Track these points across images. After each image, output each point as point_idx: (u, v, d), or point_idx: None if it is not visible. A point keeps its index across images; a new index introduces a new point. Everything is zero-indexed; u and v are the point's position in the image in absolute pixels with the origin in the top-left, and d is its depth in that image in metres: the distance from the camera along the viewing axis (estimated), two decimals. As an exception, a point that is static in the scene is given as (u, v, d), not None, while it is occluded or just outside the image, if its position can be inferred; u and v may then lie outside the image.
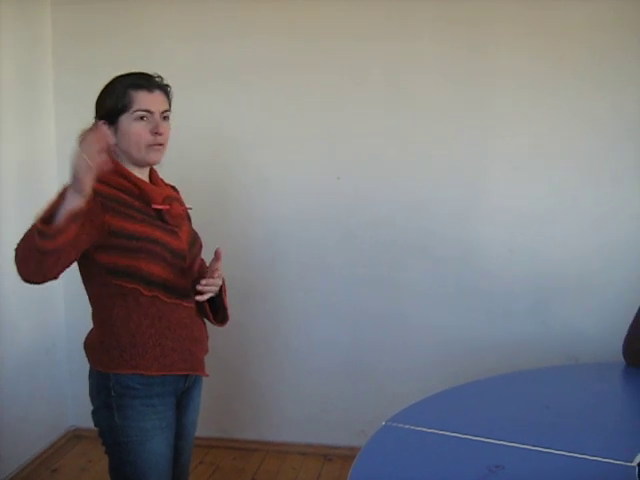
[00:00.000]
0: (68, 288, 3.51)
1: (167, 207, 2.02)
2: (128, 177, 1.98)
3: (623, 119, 3.28)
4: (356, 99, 3.43)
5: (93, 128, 1.77)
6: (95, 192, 1.84)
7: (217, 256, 2.02)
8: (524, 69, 3.31)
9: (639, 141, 3.28)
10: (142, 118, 1.97)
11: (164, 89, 2.03)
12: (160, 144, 2.00)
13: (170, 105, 2.06)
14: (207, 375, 2.16)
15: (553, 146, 3.34)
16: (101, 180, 1.90)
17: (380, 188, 3.46)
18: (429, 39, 3.36)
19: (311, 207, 3.53)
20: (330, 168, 3.49)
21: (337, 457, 3.60)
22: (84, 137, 1.62)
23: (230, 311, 2.18)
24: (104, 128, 1.92)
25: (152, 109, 1.98)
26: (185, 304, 2.02)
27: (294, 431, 3.69)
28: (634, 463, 1.76)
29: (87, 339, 2.05)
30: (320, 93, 3.45)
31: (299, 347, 3.64)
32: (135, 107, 1.96)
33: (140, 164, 2.02)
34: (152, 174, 2.09)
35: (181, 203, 2.14)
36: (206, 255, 2.31)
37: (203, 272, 2.10)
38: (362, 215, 3.49)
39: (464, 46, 3.33)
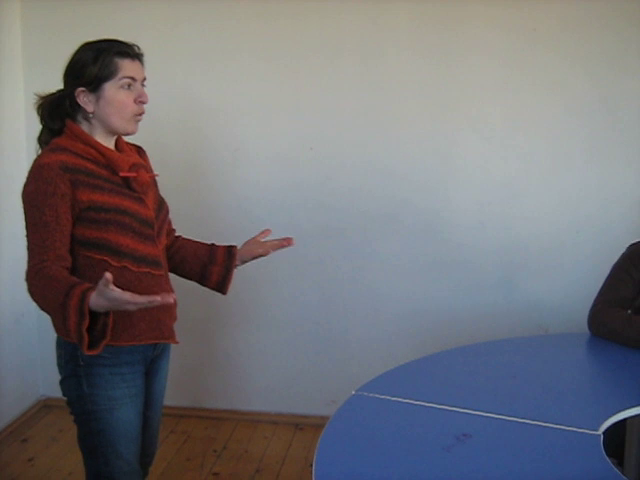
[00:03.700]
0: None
1: (134, 175, 1.99)
2: (95, 146, 1.95)
3: (597, 92, 3.29)
4: (329, 70, 3.40)
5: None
6: (62, 165, 1.83)
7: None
8: (497, 41, 3.30)
9: (614, 114, 3.30)
10: (127, 86, 1.94)
11: (141, 58, 2.01)
12: (142, 113, 1.99)
13: None
14: (177, 342, 2.15)
15: (525, 119, 3.35)
16: (67, 149, 1.89)
17: (352, 158, 3.46)
18: (402, 12, 3.33)
19: (284, 175, 3.52)
20: (303, 138, 3.48)
21: (308, 426, 3.62)
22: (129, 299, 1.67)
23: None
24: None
25: (136, 77, 1.96)
26: (154, 272, 2.01)
27: (265, 400, 3.71)
28: (599, 431, 1.79)
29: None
30: (294, 64, 3.42)
31: (269, 316, 3.65)
32: (121, 74, 1.93)
33: (117, 133, 2.00)
34: (118, 140, 2.06)
35: (147, 170, 2.11)
36: (178, 222, 2.30)
37: (185, 245, 2.19)
38: (334, 184, 3.49)
39: (436, 18, 3.31)
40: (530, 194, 3.40)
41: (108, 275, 1.65)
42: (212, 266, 2.24)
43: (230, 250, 2.27)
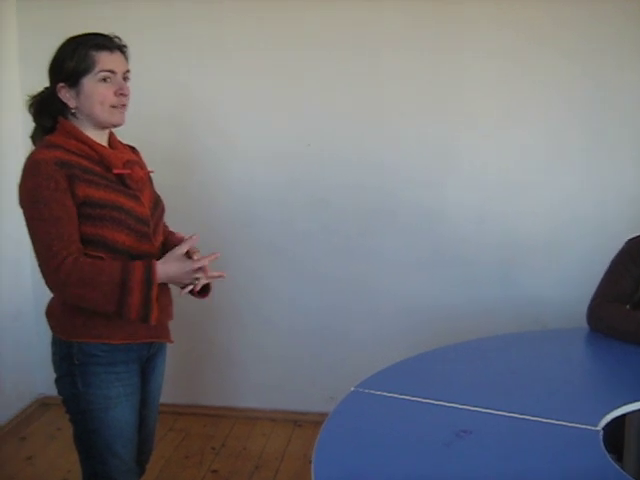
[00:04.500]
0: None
1: (128, 172, 1.98)
2: (87, 142, 1.94)
3: (595, 87, 3.28)
4: (326, 66, 3.39)
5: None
6: (57, 161, 1.82)
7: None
8: (494, 37, 3.29)
9: (612, 111, 3.29)
10: (105, 79, 1.92)
11: (123, 50, 1.99)
12: (123, 105, 1.97)
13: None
14: (172, 342, 2.15)
15: (523, 115, 3.35)
16: (60, 146, 1.88)
17: (350, 154, 3.45)
18: (400, 8, 3.32)
19: (280, 172, 3.51)
20: (300, 134, 3.46)
21: (307, 423, 3.62)
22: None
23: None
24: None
25: (115, 69, 1.94)
26: (150, 270, 2.00)
27: (263, 397, 3.71)
28: (598, 427, 1.78)
29: (49, 307, 2.02)
30: (290, 59, 3.41)
31: (268, 313, 3.64)
32: (98, 68, 1.91)
33: (103, 126, 1.98)
34: (111, 138, 2.05)
35: (142, 166, 2.10)
36: (174, 220, 2.29)
37: (168, 238, 2.13)
38: (332, 180, 3.48)
39: (434, 15, 3.30)
40: (528, 190, 3.40)
41: (196, 237, 1.88)
42: None
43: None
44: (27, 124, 2.04)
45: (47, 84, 1.99)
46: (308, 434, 3.52)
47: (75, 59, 1.90)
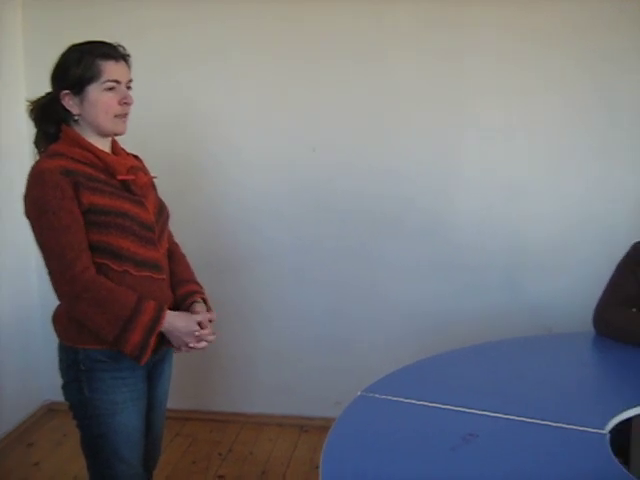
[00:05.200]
0: (41, 260, 3.47)
1: (132, 177, 1.99)
2: (91, 150, 1.95)
3: (599, 92, 3.28)
4: (330, 72, 3.40)
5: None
6: (62, 170, 1.83)
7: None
8: (498, 42, 3.30)
9: (616, 114, 3.29)
10: (110, 89, 1.93)
11: (126, 59, 2.00)
12: (126, 114, 1.98)
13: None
14: (177, 348, 2.15)
15: (528, 119, 3.35)
16: (64, 154, 1.89)
17: (355, 159, 3.45)
18: (404, 12, 3.32)
19: (286, 178, 3.51)
20: (305, 139, 3.47)
21: (313, 428, 3.62)
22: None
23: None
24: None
25: (120, 79, 1.95)
26: (155, 276, 2.00)
27: (270, 403, 3.71)
28: (605, 430, 1.78)
29: (55, 313, 2.03)
30: (294, 65, 3.42)
31: (274, 319, 3.64)
32: (105, 77, 1.92)
33: (106, 134, 1.99)
34: (114, 145, 2.06)
35: (146, 172, 2.11)
36: (178, 227, 2.29)
37: (172, 250, 2.17)
38: (337, 186, 3.48)
39: (439, 19, 3.31)
40: (533, 194, 3.39)
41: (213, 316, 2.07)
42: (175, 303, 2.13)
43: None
44: (32, 128, 2.05)
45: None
46: (314, 439, 3.52)
47: (81, 67, 1.91)
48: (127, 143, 2.12)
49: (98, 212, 1.88)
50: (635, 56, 3.24)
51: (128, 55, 2.02)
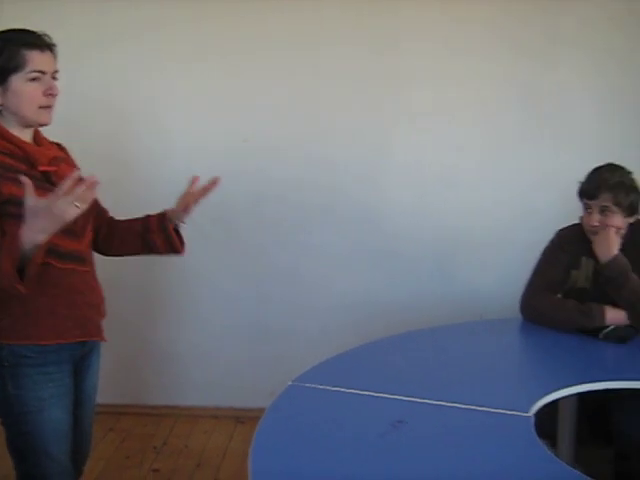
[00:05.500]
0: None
1: (54, 169, 1.95)
2: (11, 140, 1.90)
3: (529, 78, 3.35)
4: (260, 60, 3.38)
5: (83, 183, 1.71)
6: None
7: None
8: (430, 30, 3.33)
9: (541, 106, 3.36)
10: (35, 79, 1.88)
11: (52, 48, 1.94)
12: (52, 105, 1.93)
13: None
14: (105, 340, 2.12)
15: (461, 110, 3.39)
16: None
17: (286, 149, 3.45)
18: (336, 3, 3.33)
19: (217, 167, 3.45)
20: (236, 129, 3.45)
21: (249, 419, 3.60)
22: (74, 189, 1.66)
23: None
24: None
25: (45, 69, 1.90)
26: (79, 269, 1.97)
27: (204, 395, 3.69)
28: (530, 414, 1.82)
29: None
30: (224, 55, 3.40)
31: (205, 310, 3.63)
32: (29, 67, 1.86)
33: (30, 125, 1.94)
34: (36, 134, 2.01)
35: (69, 163, 2.06)
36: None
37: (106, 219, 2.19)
38: (269, 176, 3.47)
39: (371, 6, 3.32)
40: (464, 185, 3.45)
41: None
42: (150, 234, 2.20)
43: (161, 213, 2.24)
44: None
45: None
46: (250, 430, 3.47)
47: (4, 56, 1.85)
48: (54, 130, 2.07)
49: (17, 203, 1.80)
50: (562, 49, 3.31)
51: (54, 44, 1.96)
